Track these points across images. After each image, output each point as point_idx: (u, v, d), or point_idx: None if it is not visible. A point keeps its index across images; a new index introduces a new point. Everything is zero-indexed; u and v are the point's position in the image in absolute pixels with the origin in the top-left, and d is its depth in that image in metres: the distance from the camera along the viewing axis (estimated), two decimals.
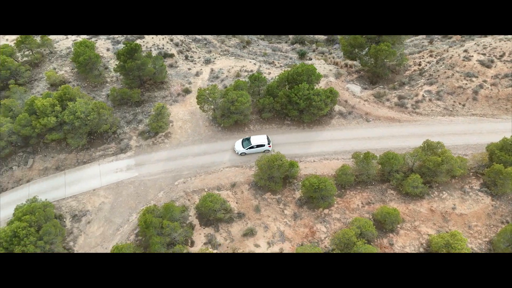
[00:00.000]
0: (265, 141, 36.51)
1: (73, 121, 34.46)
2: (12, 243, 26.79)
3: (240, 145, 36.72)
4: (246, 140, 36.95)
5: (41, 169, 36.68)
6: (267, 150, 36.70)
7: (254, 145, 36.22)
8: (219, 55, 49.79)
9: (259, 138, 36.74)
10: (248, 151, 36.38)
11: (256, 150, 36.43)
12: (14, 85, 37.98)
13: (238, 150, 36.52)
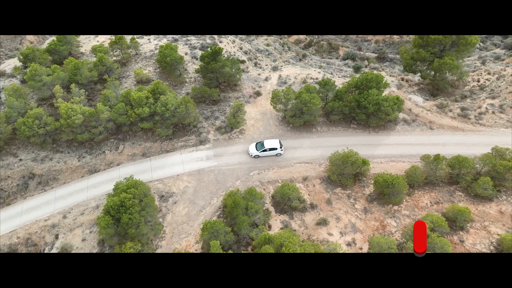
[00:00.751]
0: (278, 145, 38.63)
1: (164, 112, 38.43)
2: (119, 211, 30.34)
3: (254, 148, 39.01)
4: (260, 143, 39.13)
5: (130, 155, 40.73)
6: (279, 153, 38.98)
7: (267, 148, 38.37)
8: (284, 63, 53.38)
9: (272, 142, 38.93)
10: (261, 153, 38.62)
11: (269, 153, 38.71)
12: (110, 78, 42.72)
13: (252, 152, 38.76)
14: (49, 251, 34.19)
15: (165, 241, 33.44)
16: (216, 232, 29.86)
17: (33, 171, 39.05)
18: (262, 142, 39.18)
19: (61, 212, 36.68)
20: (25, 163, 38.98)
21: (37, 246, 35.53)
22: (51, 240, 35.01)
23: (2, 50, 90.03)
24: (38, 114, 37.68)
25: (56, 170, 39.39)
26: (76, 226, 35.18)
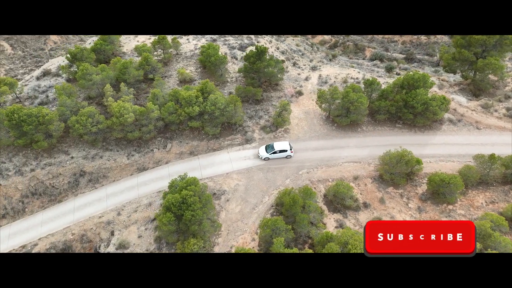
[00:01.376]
0: (287, 147, 38.55)
1: (213, 111, 38.80)
2: (180, 208, 30.69)
3: (264, 150, 38.92)
4: (270, 146, 39.03)
5: (177, 153, 41.15)
6: (289, 156, 38.80)
7: (277, 150, 38.29)
8: (320, 63, 53.56)
9: (281, 144, 38.86)
10: (271, 156, 38.51)
11: (279, 155, 38.57)
12: (158, 77, 43.22)
13: (262, 155, 38.68)
14: (105, 247, 34.65)
15: (221, 239, 33.72)
16: (278, 230, 30.05)
17: (84, 168, 39.61)
18: (272, 144, 39.10)
19: (114, 209, 37.16)
20: (77, 161, 39.56)
21: (92, 242, 36.04)
22: (107, 237, 35.48)
23: (27, 50, 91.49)
24: (91, 112, 38.25)
25: (106, 168, 39.91)
26: (131, 223, 35.62)
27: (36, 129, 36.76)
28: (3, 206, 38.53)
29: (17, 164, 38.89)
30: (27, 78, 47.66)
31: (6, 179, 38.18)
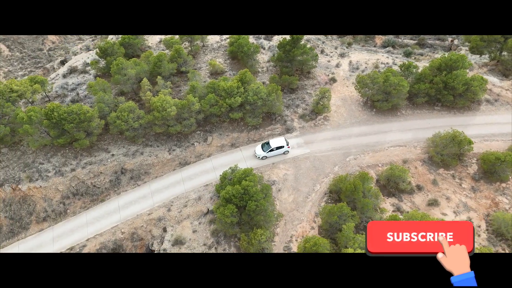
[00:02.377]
0: (284, 143, 37.54)
1: (256, 101, 38.10)
2: (242, 199, 30.07)
3: (260, 149, 37.89)
4: (266, 144, 37.99)
5: (219, 146, 40.37)
6: (286, 151, 37.90)
7: (274, 148, 37.28)
8: (346, 48, 53.20)
9: (277, 141, 37.86)
10: (268, 154, 37.48)
11: (276, 153, 37.58)
12: (193, 70, 42.21)
13: (259, 154, 37.62)
14: (159, 244, 33.83)
15: (280, 228, 33.24)
16: (344, 216, 29.70)
17: (125, 166, 38.55)
18: (268, 142, 38.04)
19: (162, 205, 36.30)
20: (117, 158, 38.46)
21: (144, 240, 35.17)
22: (159, 234, 34.64)
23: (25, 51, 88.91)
24: (131, 107, 37.15)
25: (148, 164, 38.92)
26: (183, 218, 34.83)
27: (77, 127, 35.52)
28: (43, 208, 37.28)
29: (56, 165, 37.59)
30: (52, 76, 46.04)
31: (46, 180, 36.89)
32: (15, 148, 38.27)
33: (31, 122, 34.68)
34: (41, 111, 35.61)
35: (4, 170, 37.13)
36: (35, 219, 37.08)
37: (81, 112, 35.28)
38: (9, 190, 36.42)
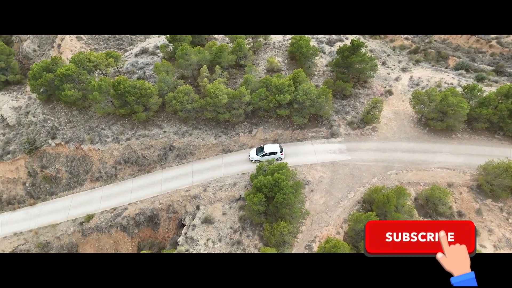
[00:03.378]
0: (278, 149, 38.13)
1: (304, 101, 38.71)
2: (272, 190, 30.95)
3: (254, 153, 38.70)
4: (260, 148, 38.80)
5: (262, 139, 41.62)
6: (279, 158, 38.08)
7: (267, 153, 37.90)
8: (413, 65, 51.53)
9: (272, 147, 38.56)
10: (261, 158, 37.89)
11: (269, 158, 37.70)
12: (250, 64, 44.02)
13: (252, 157, 38.41)
14: (190, 220, 35.90)
15: (305, 227, 33.54)
16: None
17: (174, 143, 41.38)
18: (263, 147, 38.92)
19: (199, 185, 38.42)
20: (168, 135, 41.42)
21: (178, 214, 37.53)
22: (192, 210, 36.76)
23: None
24: (188, 90, 39.82)
25: (194, 145, 41.38)
26: (216, 200, 36.58)
27: (137, 100, 38.99)
28: (98, 169, 41.39)
29: (115, 132, 41.55)
30: (126, 55, 50.78)
31: (104, 144, 40.94)
32: (84, 112, 43.01)
33: (100, 91, 38.84)
34: (110, 82, 39.70)
35: (71, 129, 41.94)
36: (90, 177, 41.35)
37: (143, 88, 38.70)
38: (73, 148, 41.05)
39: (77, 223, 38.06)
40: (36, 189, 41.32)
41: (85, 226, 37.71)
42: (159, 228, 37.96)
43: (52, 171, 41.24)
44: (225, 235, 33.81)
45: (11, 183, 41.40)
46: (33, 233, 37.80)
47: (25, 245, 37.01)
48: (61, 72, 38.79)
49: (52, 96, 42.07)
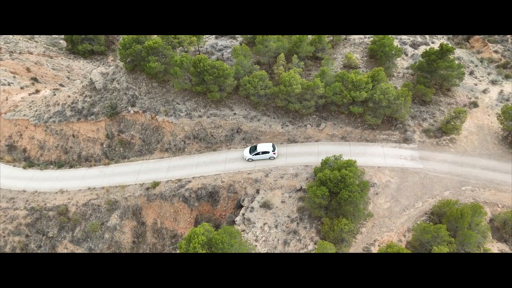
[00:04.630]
0: (270, 148, 38.70)
1: (381, 101, 37.24)
2: (337, 186, 30.31)
3: (248, 152, 39.39)
4: (253, 147, 39.50)
5: (329, 134, 40.87)
6: (272, 157, 38.94)
7: (260, 152, 38.69)
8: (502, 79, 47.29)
9: (264, 146, 39.18)
10: (254, 157, 38.92)
11: (262, 157, 38.92)
12: (327, 57, 43.30)
13: (245, 156, 39.24)
14: (249, 202, 36.47)
15: (365, 229, 32.53)
16: (439, 239, 27.52)
17: (241, 126, 42.14)
18: (256, 146, 39.49)
19: (261, 170, 38.82)
20: (237, 118, 42.27)
21: (238, 194, 38.33)
22: (252, 193, 37.31)
23: None
24: (263, 76, 40.20)
25: (260, 131, 41.81)
26: (277, 187, 36.75)
27: (214, 80, 40.18)
28: (168, 141, 43.51)
29: (188, 108, 43.31)
30: (207, 36, 52.48)
31: (177, 118, 42.85)
32: (162, 86, 45.32)
33: (181, 66, 40.63)
34: (191, 59, 41.33)
35: (150, 100, 44.46)
36: (160, 147, 43.65)
37: (221, 68, 39.77)
38: (149, 117, 43.52)
39: (144, 187, 40.46)
40: (111, 151, 44.55)
41: (151, 192, 39.96)
42: (218, 205, 39.08)
43: (128, 136, 44.15)
44: (282, 223, 33.91)
45: (90, 142, 45.07)
46: (104, 190, 40.90)
47: (96, 200, 40.19)
48: (148, 45, 41.13)
49: (137, 67, 44.81)
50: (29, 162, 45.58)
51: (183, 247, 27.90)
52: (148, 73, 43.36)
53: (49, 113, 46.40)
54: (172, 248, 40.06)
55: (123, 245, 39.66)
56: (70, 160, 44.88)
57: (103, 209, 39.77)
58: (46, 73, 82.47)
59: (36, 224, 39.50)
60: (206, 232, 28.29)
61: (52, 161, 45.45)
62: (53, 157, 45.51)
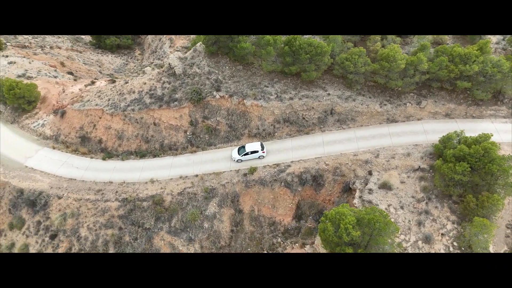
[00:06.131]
0: (259, 148, 38.13)
1: (494, 74, 35.44)
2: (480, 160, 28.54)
3: (236, 152, 38.76)
4: (242, 147, 38.88)
5: (432, 112, 39.09)
6: (261, 156, 38.45)
7: (249, 152, 38.07)
8: None
9: (252, 145, 38.55)
10: (243, 157, 38.33)
11: (251, 157, 38.36)
12: None
13: (234, 157, 38.60)
14: (362, 184, 34.73)
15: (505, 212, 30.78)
16: None
17: (335, 108, 40.29)
18: (244, 146, 38.89)
19: (367, 151, 37.06)
20: (331, 99, 40.40)
21: (345, 177, 36.56)
22: (363, 175, 35.54)
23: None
24: (361, 52, 38.34)
25: (356, 111, 39.98)
26: (391, 168, 35.00)
27: (310, 59, 38.29)
28: (256, 126, 41.62)
29: (278, 91, 41.40)
30: None
31: (267, 101, 40.95)
32: (247, 68, 43.38)
33: (275, 45, 38.67)
34: (282, 39, 39.36)
35: (235, 84, 42.50)
36: (248, 132, 41.78)
37: (318, 46, 37.87)
38: (236, 101, 41.56)
39: (240, 174, 38.63)
40: (196, 138, 42.65)
41: (249, 177, 38.15)
42: (322, 189, 37.35)
43: (213, 122, 42.24)
44: (408, 204, 32.18)
45: (173, 129, 43.12)
46: (199, 178, 39.04)
47: (192, 188, 38.33)
48: None
49: (219, 50, 42.80)
50: (107, 153, 43.64)
51: (329, 229, 26.13)
52: (234, 55, 41.39)
53: (126, 102, 44.39)
54: (273, 236, 38.37)
55: (222, 235, 37.91)
56: (152, 149, 42.95)
57: (199, 197, 37.93)
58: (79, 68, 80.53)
59: (131, 216, 37.64)
60: (351, 212, 26.58)
61: (132, 151, 43.50)
62: (133, 147, 43.56)
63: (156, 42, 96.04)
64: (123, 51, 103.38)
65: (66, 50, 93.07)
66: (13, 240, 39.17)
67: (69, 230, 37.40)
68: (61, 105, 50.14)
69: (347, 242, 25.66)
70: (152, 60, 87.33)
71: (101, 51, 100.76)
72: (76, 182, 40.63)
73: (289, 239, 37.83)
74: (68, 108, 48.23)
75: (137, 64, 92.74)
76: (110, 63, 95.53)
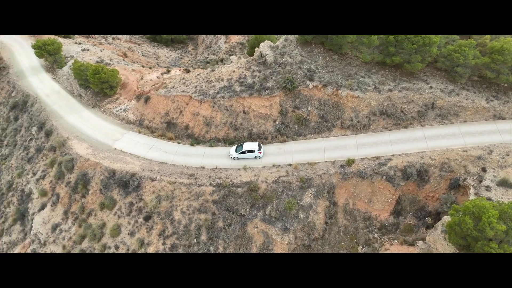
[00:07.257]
0: (256, 147, 38.47)
1: None
2: None
3: (234, 150, 39.28)
4: (239, 146, 39.39)
5: None
6: (257, 156, 38.76)
7: (246, 150, 38.58)
8: None
9: (250, 145, 39.01)
10: (240, 156, 38.90)
11: (248, 156, 38.79)
12: None
13: (231, 154, 39.24)
14: (475, 181, 32.97)
15: None
16: None
17: (437, 102, 38.69)
18: (242, 144, 39.35)
19: (476, 147, 35.31)
20: (434, 92, 38.84)
21: (454, 173, 34.90)
22: (476, 172, 33.78)
23: None
24: (471, 44, 36.69)
25: (460, 106, 38.25)
26: (507, 165, 33.12)
27: (417, 49, 36.96)
28: (349, 117, 40.53)
29: (376, 82, 40.21)
30: None
31: (364, 92, 39.83)
32: (341, 59, 42.44)
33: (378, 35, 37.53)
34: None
35: (329, 74, 41.63)
36: (340, 124, 40.75)
37: (426, 37, 36.44)
38: (329, 91, 40.63)
39: (337, 165, 37.63)
40: (285, 128, 41.99)
41: (346, 169, 37.08)
42: (426, 185, 35.80)
43: (304, 112, 41.47)
44: None
45: (262, 118, 42.64)
46: (293, 167, 38.30)
47: (286, 177, 37.61)
48: None
49: (314, 39, 42.09)
50: (194, 140, 43.62)
51: (468, 222, 24.68)
52: (330, 44, 40.56)
53: (215, 89, 44.29)
54: (368, 231, 37.08)
55: (316, 226, 36.94)
56: (241, 137, 42.57)
57: (294, 187, 37.15)
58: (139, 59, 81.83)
59: (225, 201, 37.25)
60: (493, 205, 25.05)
61: (220, 138, 43.30)
62: (220, 134, 43.35)
63: (211, 38, 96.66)
64: (177, 45, 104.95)
65: (125, 41, 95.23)
66: (104, 220, 39.57)
67: (163, 213, 37.37)
68: (143, 91, 50.71)
69: (488, 237, 24.18)
70: (207, 55, 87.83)
71: (156, 44, 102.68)
72: (167, 166, 40.70)
73: (386, 235, 36.44)
74: (152, 94, 48.68)
75: (191, 59, 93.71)
76: (165, 56, 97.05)
